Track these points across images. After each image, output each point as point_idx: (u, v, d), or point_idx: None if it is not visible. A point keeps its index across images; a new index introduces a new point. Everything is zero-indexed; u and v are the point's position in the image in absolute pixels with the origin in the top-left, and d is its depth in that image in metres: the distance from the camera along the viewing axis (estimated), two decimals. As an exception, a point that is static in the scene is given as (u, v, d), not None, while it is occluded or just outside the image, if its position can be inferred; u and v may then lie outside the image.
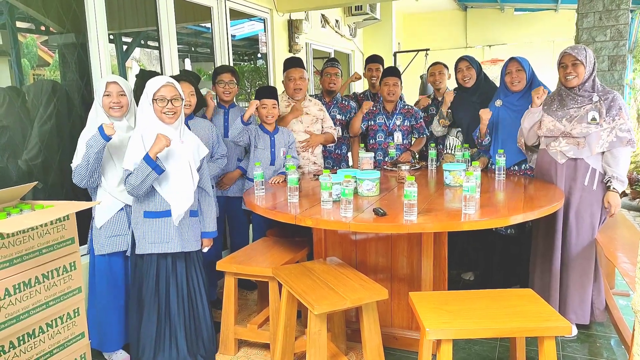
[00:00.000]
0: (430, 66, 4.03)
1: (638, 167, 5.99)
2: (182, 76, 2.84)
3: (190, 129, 2.56)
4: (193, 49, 5.04)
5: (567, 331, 1.72)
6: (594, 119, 2.54)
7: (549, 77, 3.02)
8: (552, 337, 1.74)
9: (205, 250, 2.51)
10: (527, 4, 8.50)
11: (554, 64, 2.68)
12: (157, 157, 2.16)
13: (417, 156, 3.87)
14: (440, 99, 3.79)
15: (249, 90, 6.20)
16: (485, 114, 3.01)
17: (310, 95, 3.72)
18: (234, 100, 3.35)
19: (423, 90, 6.96)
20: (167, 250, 2.31)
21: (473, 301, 1.93)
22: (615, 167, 2.51)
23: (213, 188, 2.74)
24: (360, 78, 4.41)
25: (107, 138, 2.19)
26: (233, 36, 5.10)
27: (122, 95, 2.35)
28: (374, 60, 4.32)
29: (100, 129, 2.17)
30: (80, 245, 2.04)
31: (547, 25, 8.67)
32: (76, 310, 1.97)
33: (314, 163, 3.48)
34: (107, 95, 2.32)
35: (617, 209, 2.58)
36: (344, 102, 3.87)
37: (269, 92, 3.10)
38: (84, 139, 2.26)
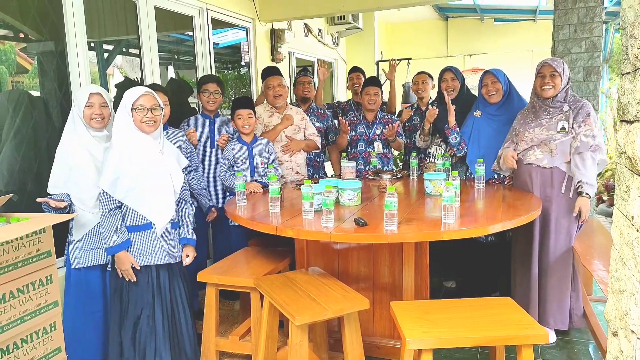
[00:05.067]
0: (415, 75, 4.07)
1: (615, 174, 6.12)
2: (157, 86, 2.84)
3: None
4: (176, 57, 5.01)
5: (545, 339, 1.74)
6: (563, 128, 2.60)
7: (528, 87, 3.08)
8: (530, 345, 1.76)
9: (188, 261, 2.45)
10: (506, 15, 8.68)
11: (533, 73, 2.75)
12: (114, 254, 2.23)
13: (401, 156, 3.89)
14: (423, 108, 3.84)
15: (232, 99, 6.18)
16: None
17: (291, 104, 3.74)
18: (218, 109, 3.35)
19: (405, 99, 7.04)
20: (150, 262, 2.27)
21: (453, 310, 1.95)
22: (582, 169, 2.54)
23: None
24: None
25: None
26: (216, 44, 5.08)
27: (104, 106, 2.33)
28: (355, 69, 4.45)
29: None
30: (57, 258, 2.00)
31: (525, 36, 8.86)
32: (53, 325, 1.93)
33: (297, 172, 3.48)
34: (89, 106, 2.28)
35: (587, 215, 2.62)
36: (319, 110, 3.94)
37: (244, 103, 3.11)
38: (61, 156, 2.25)
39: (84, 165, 2.28)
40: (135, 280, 2.25)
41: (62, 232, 2.41)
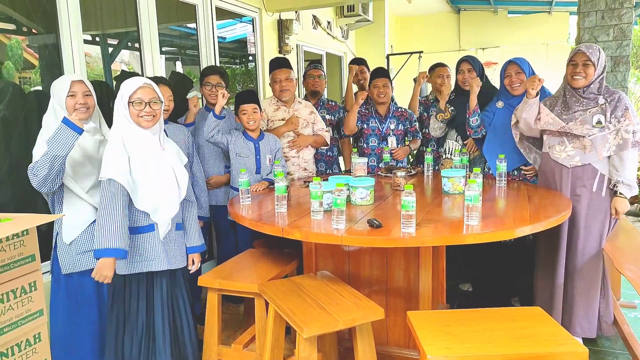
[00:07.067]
0: (438, 68, 3.69)
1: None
2: (161, 79, 2.66)
3: (167, 135, 2.37)
4: (183, 52, 4.85)
5: (584, 357, 1.55)
6: (599, 122, 2.40)
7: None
8: (567, 364, 1.57)
9: (194, 268, 2.30)
10: (520, 7, 8.43)
11: (547, 67, 2.57)
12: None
13: (413, 153, 3.71)
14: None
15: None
16: (477, 83, 2.94)
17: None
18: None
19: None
20: (152, 268, 2.10)
21: (477, 322, 1.76)
22: (621, 170, 2.38)
23: None
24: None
25: (80, 130, 1.96)
26: (223, 38, 4.91)
27: (88, 95, 2.16)
28: (356, 62, 4.12)
29: (67, 121, 1.93)
30: (41, 262, 1.83)
31: (540, 28, 8.59)
32: (37, 336, 1.76)
33: (305, 169, 3.30)
34: (72, 95, 2.11)
35: (622, 214, 2.46)
36: (330, 102, 3.77)
37: (248, 97, 2.92)
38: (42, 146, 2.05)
39: (76, 157, 2.11)
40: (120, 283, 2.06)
41: (46, 234, 2.25)
